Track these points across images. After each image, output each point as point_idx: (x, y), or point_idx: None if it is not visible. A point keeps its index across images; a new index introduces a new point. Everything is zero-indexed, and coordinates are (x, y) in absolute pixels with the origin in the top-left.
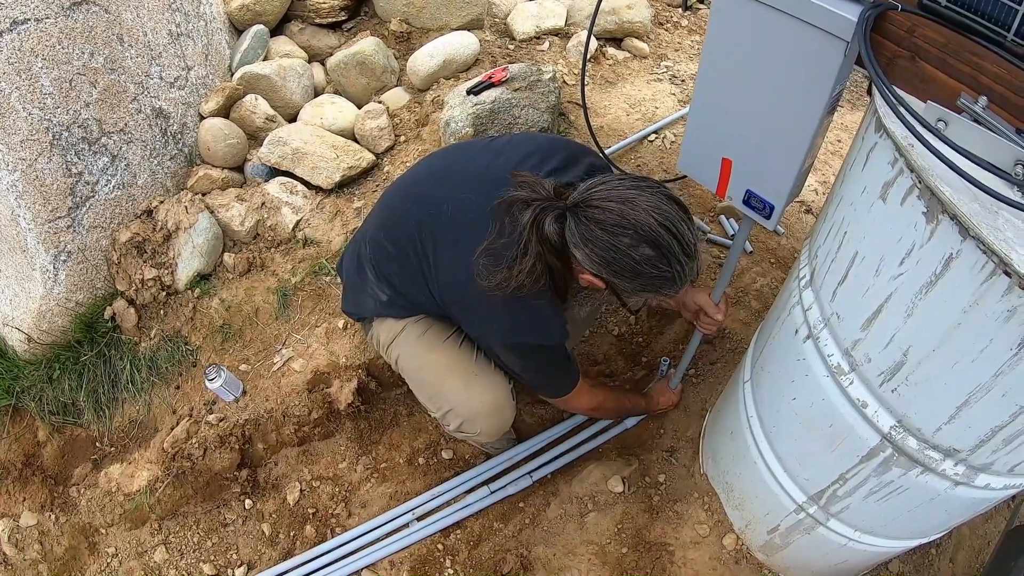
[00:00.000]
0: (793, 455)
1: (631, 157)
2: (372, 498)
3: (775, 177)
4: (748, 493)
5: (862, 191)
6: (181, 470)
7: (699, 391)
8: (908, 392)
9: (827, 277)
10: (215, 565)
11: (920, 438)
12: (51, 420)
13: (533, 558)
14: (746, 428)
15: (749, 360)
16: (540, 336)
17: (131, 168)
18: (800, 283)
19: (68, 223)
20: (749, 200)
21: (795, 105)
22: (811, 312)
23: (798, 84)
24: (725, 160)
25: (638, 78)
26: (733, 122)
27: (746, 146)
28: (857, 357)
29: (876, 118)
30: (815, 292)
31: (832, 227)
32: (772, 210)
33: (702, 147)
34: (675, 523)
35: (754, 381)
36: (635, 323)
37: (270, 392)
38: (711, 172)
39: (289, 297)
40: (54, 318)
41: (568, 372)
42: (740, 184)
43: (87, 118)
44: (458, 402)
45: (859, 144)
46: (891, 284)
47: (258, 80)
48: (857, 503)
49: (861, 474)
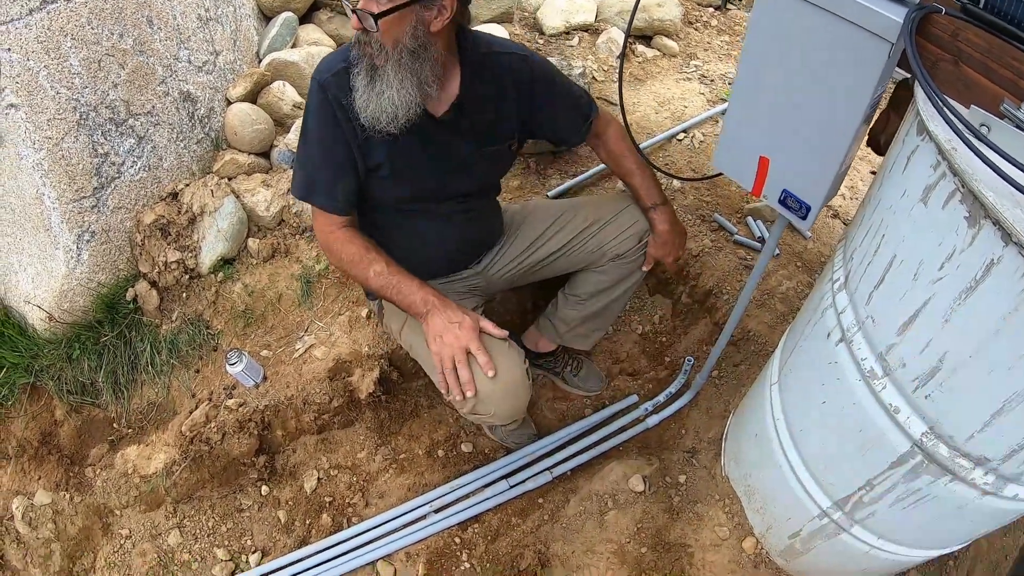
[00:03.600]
0: (820, 459)
1: (659, 155)
2: (390, 489)
3: (813, 177)
4: (770, 497)
5: (902, 194)
6: (198, 454)
7: (722, 392)
8: (942, 398)
9: (863, 280)
10: (229, 550)
11: (951, 445)
12: (69, 399)
13: (551, 555)
14: (772, 431)
15: (776, 362)
16: (316, 70)
17: (157, 150)
18: (834, 285)
19: (93, 203)
20: (785, 200)
21: (836, 105)
22: (845, 315)
23: (840, 84)
24: (762, 159)
25: (667, 76)
26: (772, 120)
27: (784, 145)
28: (891, 362)
29: (918, 121)
30: (849, 295)
31: (869, 230)
32: (808, 211)
33: (739, 144)
34: (695, 525)
35: (782, 384)
36: (659, 322)
37: (291, 379)
38: (747, 170)
39: (313, 284)
40: (75, 298)
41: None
42: (776, 183)
43: (115, 99)
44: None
45: (899, 147)
46: (929, 289)
47: (286, 67)
48: (883, 510)
49: (889, 481)
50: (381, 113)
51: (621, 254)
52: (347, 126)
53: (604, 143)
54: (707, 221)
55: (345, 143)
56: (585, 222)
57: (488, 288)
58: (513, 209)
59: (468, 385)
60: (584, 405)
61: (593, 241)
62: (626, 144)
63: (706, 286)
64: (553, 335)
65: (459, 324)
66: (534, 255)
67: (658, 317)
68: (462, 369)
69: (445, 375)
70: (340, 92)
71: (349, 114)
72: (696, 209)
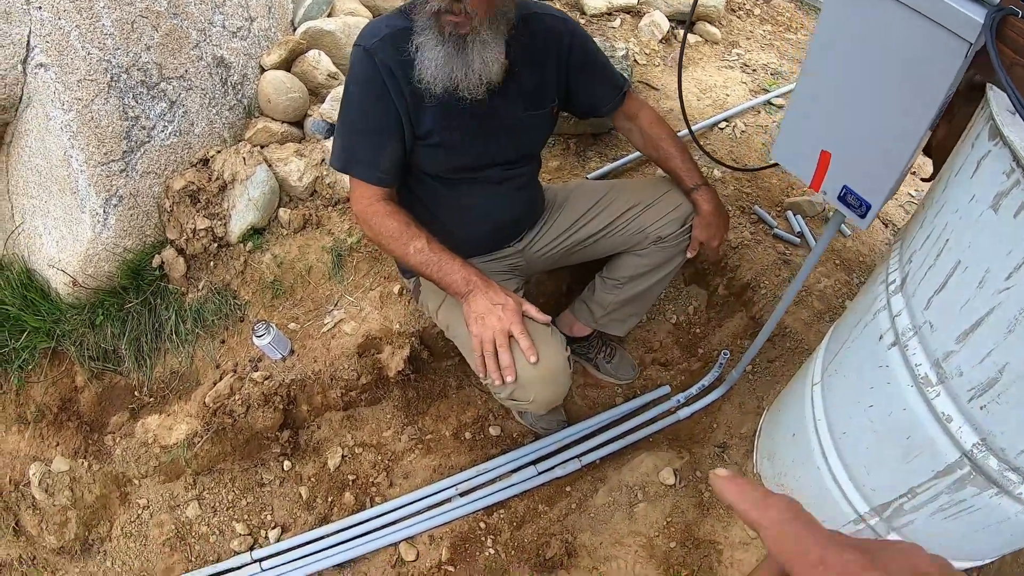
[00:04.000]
0: (861, 464)
1: (700, 143)
2: (415, 469)
3: (876, 175)
4: (805, 498)
5: (970, 199)
6: (221, 426)
7: (755, 388)
8: (998, 410)
9: (922, 284)
10: (248, 525)
11: (1002, 458)
12: (90, 366)
13: (578, 545)
14: (812, 432)
15: (819, 362)
16: (359, 36)
17: (189, 116)
18: (888, 287)
19: (121, 167)
20: (845, 197)
21: (907, 103)
22: (900, 319)
23: (913, 82)
24: (824, 153)
25: (709, 63)
26: (837, 114)
27: (849, 140)
28: (947, 370)
29: (990, 125)
30: (906, 298)
31: (932, 233)
32: (868, 209)
33: (801, 137)
34: (725, 521)
35: (825, 384)
36: (693, 313)
37: (318, 353)
38: (807, 164)
39: (344, 257)
40: (101, 263)
41: (349, 131)
42: (837, 179)
43: (147, 62)
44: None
45: (967, 150)
46: (995, 298)
47: (322, 36)
48: (923, 519)
49: (933, 490)
50: (467, 80)
51: (663, 237)
52: (396, 93)
53: (639, 126)
54: (747, 213)
55: (393, 111)
56: (628, 203)
57: (528, 268)
58: (555, 188)
59: (508, 370)
60: (615, 393)
61: (635, 223)
62: (664, 127)
63: (744, 279)
64: (588, 319)
65: (502, 306)
66: (576, 235)
67: (693, 308)
68: (503, 353)
69: (485, 358)
70: (389, 58)
71: (399, 81)
72: (736, 200)
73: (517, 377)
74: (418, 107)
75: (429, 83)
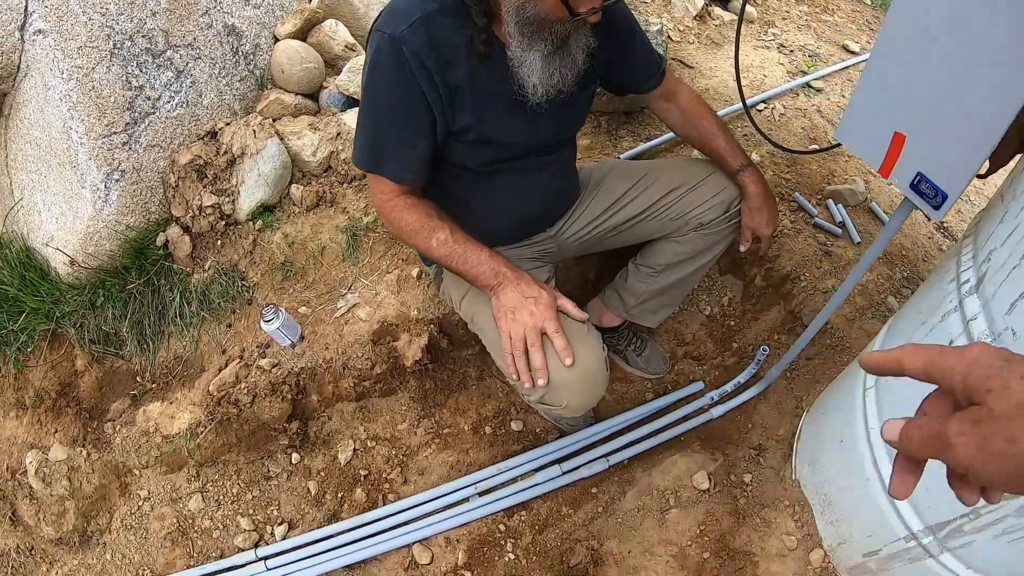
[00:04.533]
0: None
1: (737, 125)
2: (431, 465)
3: (956, 162)
4: (851, 510)
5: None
6: (226, 416)
7: (793, 387)
8: None
9: (1003, 286)
10: (253, 520)
11: None
12: (91, 349)
13: (605, 552)
14: (863, 441)
15: None
16: (383, 20)
17: (197, 86)
18: (961, 287)
19: (124, 140)
20: (918, 185)
21: (998, 83)
22: (976, 323)
23: (1004, 61)
24: (897, 135)
25: (744, 43)
26: (915, 93)
27: (927, 123)
28: None
29: None
30: (983, 301)
31: (1016, 229)
32: (944, 200)
33: (871, 117)
34: (762, 531)
35: (881, 388)
36: (727, 304)
37: (330, 340)
38: (877, 147)
39: (359, 238)
40: (102, 241)
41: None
42: (911, 165)
43: (153, 28)
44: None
45: None
46: None
47: (339, 5)
48: (983, 541)
49: (999, 512)
50: (568, 77)
51: (705, 223)
52: (429, 87)
53: (677, 104)
54: (786, 200)
55: (425, 104)
56: (668, 186)
57: (560, 254)
58: (589, 168)
59: (541, 372)
60: (645, 388)
61: (676, 207)
62: (704, 105)
63: (783, 270)
64: (620, 309)
65: (535, 299)
66: (612, 219)
67: (727, 299)
68: (535, 353)
69: (515, 358)
70: (421, 49)
71: (431, 73)
72: (775, 187)
73: (549, 380)
74: (452, 101)
75: (532, 90)
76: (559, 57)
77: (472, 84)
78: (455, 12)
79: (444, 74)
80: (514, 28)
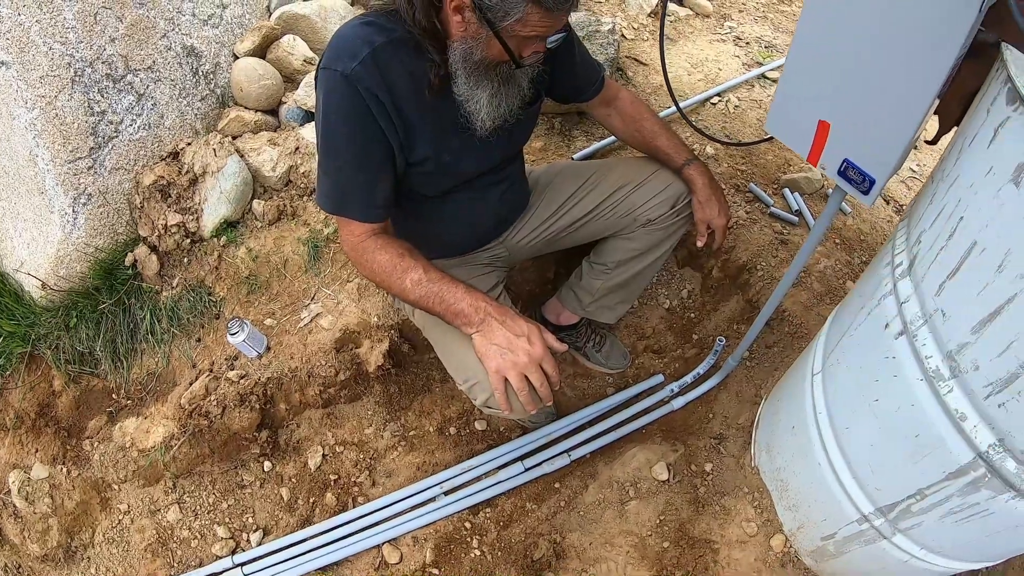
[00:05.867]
0: (866, 462)
1: (692, 119)
2: (398, 467)
3: (880, 147)
4: (806, 494)
5: (987, 172)
6: (198, 428)
7: (753, 376)
8: (1018, 408)
9: (932, 267)
10: (230, 528)
11: (1021, 461)
12: (67, 369)
13: (567, 545)
14: (812, 425)
15: (820, 350)
16: (330, 57)
17: (158, 108)
18: (895, 271)
19: (89, 164)
20: (846, 171)
21: (914, 65)
22: (908, 306)
23: (920, 41)
24: (822, 123)
25: (700, 37)
26: (836, 80)
27: (849, 109)
28: (962, 363)
29: (1009, 88)
30: (915, 283)
31: (943, 210)
32: (872, 184)
33: (796, 106)
34: (721, 519)
35: (826, 374)
36: (687, 297)
37: (295, 349)
38: (803, 136)
39: (320, 249)
40: (72, 263)
41: (336, 170)
42: (837, 152)
43: (112, 54)
44: (485, 374)
45: (982, 116)
46: (1017, 284)
47: (297, 20)
48: (931, 522)
49: (943, 492)
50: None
51: (653, 219)
52: (386, 124)
53: (618, 108)
54: (742, 191)
55: (383, 140)
56: (614, 185)
57: (511, 258)
58: (538, 172)
59: (531, 406)
60: (606, 383)
61: (623, 205)
62: (644, 106)
63: (739, 261)
64: (576, 307)
65: (527, 337)
66: (561, 220)
67: (687, 292)
68: (524, 392)
69: (502, 393)
70: (375, 84)
71: (387, 108)
72: (731, 178)
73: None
74: (408, 134)
75: (480, 124)
76: (505, 90)
77: (426, 116)
78: (404, 42)
79: (399, 107)
80: (461, 69)
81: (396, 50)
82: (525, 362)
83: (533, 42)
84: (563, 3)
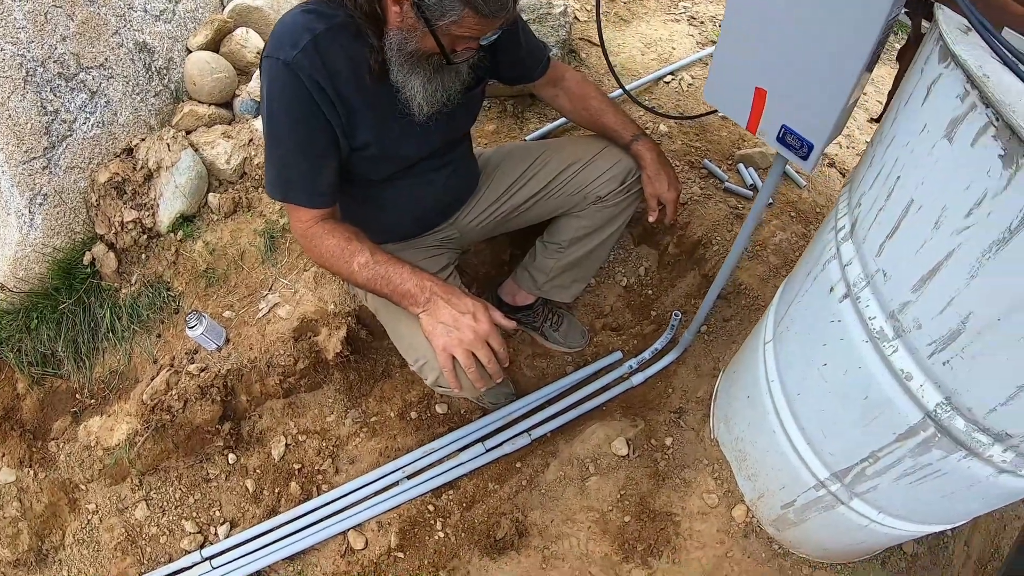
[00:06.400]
0: (818, 427)
1: (646, 97)
2: (361, 454)
3: (816, 112)
4: (763, 463)
5: (921, 129)
6: (161, 423)
7: (711, 349)
8: (962, 366)
9: (872, 228)
10: (197, 523)
11: (969, 419)
12: (30, 371)
13: (529, 523)
14: (766, 393)
15: (771, 318)
16: (272, 46)
17: (112, 105)
18: (838, 234)
19: (44, 164)
20: (784, 137)
21: (845, 29)
22: (851, 268)
23: (850, 4)
24: (758, 90)
25: (654, 17)
26: (770, 46)
27: (784, 75)
28: (904, 322)
29: (940, 46)
30: (856, 245)
31: (881, 171)
32: (810, 150)
33: (732, 75)
34: (682, 491)
35: (777, 342)
36: (644, 274)
37: (254, 340)
38: (741, 104)
39: (277, 239)
40: (31, 265)
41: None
42: (775, 119)
43: (64, 52)
44: (433, 353)
45: (917, 77)
46: (953, 239)
47: (250, 12)
48: (886, 484)
49: (895, 454)
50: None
51: (603, 196)
52: (328, 110)
53: (565, 89)
54: (696, 168)
55: (327, 126)
56: (563, 163)
57: (462, 240)
58: (488, 153)
59: (481, 383)
60: (565, 362)
61: (572, 183)
62: (591, 85)
63: (694, 236)
64: (531, 287)
65: (472, 315)
66: (510, 201)
67: (644, 269)
68: (472, 369)
69: (450, 371)
70: (316, 71)
71: (329, 95)
72: (685, 155)
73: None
74: (351, 119)
75: (418, 109)
76: (441, 75)
77: (367, 101)
78: (345, 27)
79: (340, 93)
80: (395, 57)
81: (336, 36)
82: (471, 339)
83: (467, 40)
84: (500, 9)
